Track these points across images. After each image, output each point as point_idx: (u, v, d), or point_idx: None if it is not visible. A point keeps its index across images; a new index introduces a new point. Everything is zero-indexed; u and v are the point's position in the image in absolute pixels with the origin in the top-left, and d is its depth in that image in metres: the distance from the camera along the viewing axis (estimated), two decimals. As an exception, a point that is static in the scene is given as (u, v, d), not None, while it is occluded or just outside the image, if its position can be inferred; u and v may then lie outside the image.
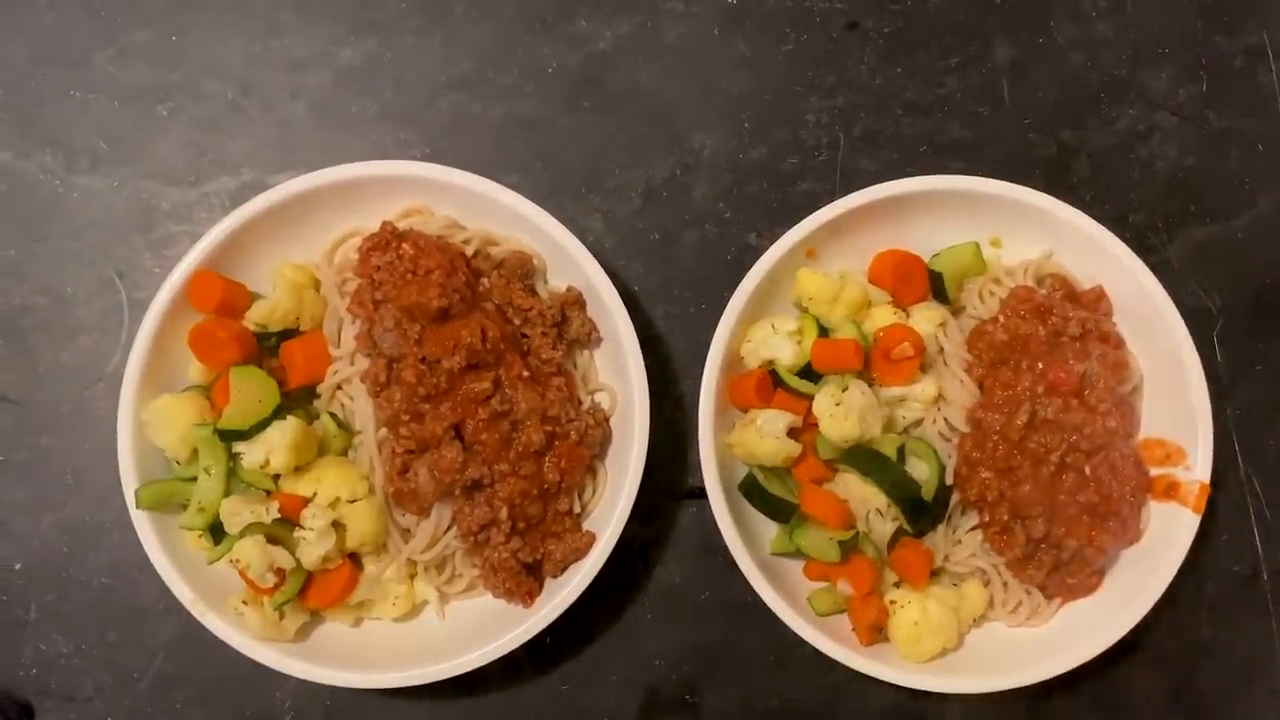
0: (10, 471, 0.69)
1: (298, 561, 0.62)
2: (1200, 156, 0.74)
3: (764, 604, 0.63)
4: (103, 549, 0.69)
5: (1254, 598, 0.70)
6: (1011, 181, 0.68)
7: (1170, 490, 0.65)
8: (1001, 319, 0.65)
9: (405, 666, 0.63)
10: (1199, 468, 0.65)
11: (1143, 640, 0.68)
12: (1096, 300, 0.67)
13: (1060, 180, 0.73)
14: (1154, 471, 0.66)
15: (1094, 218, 0.67)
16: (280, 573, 0.62)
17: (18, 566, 0.69)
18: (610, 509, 0.64)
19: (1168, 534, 0.65)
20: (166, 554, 0.62)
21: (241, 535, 0.61)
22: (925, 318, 0.66)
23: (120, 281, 0.71)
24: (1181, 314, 0.66)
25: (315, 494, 0.62)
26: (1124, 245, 0.66)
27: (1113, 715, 0.69)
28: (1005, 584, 0.65)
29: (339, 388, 0.65)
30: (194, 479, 0.62)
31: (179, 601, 0.62)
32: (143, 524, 0.62)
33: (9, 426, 0.69)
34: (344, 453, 0.65)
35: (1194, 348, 0.65)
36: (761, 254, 0.66)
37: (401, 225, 0.66)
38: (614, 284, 0.66)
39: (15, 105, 0.72)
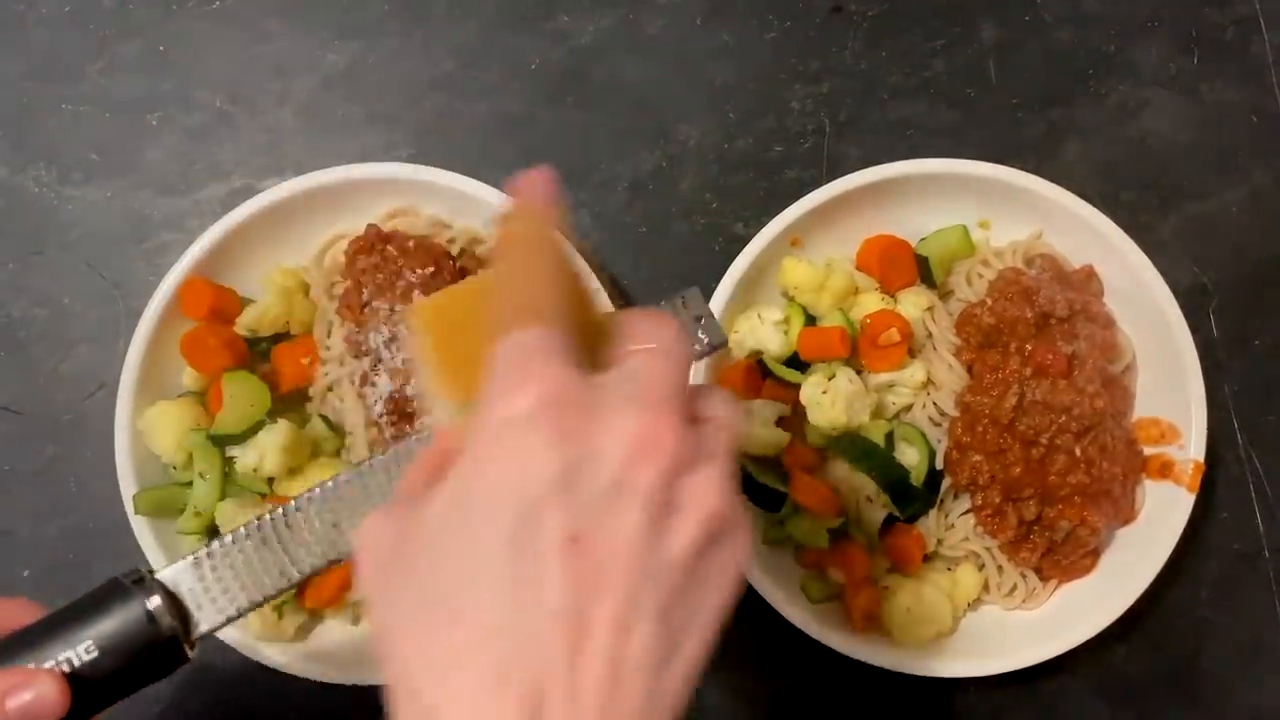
0: (15, 481, 0.71)
1: (294, 562, 0.63)
2: (1193, 131, 0.73)
3: (758, 593, 0.63)
4: (108, 555, 0.70)
5: (1256, 575, 0.70)
6: (1001, 162, 0.67)
7: (1165, 469, 0.65)
8: (989, 302, 0.65)
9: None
10: (1193, 446, 0.64)
11: (1144, 620, 0.67)
12: (1086, 280, 0.67)
13: (1050, 160, 0.73)
14: (1148, 451, 0.66)
15: (1086, 197, 0.67)
16: (277, 574, 0.63)
17: (25, 574, 0.70)
18: (602, 503, 0.64)
19: (1163, 513, 0.64)
20: (166, 558, 0.63)
21: (237, 538, 0.62)
22: (912, 303, 0.66)
23: (117, 291, 0.72)
24: (1176, 291, 0.65)
25: (309, 495, 0.63)
26: (1112, 224, 0.66)
27: (1114, 695, 0.68)
28: (1000, 567, 0.65)
29: (330, 389, 0.66)
30: (190, 484, 0.63)
31: (181, 604, 0.63)
32: (142, 529, 0.63)
33: (13, 437, 0.71)
34: (337, 454, 0.66)
35: (1185, 325, 0.64)
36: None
37: (387, 226, 0.67)
38: (602, 279, 0.66)
39: (8, 121, 0.74)
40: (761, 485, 0.65)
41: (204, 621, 0.45)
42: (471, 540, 0.31)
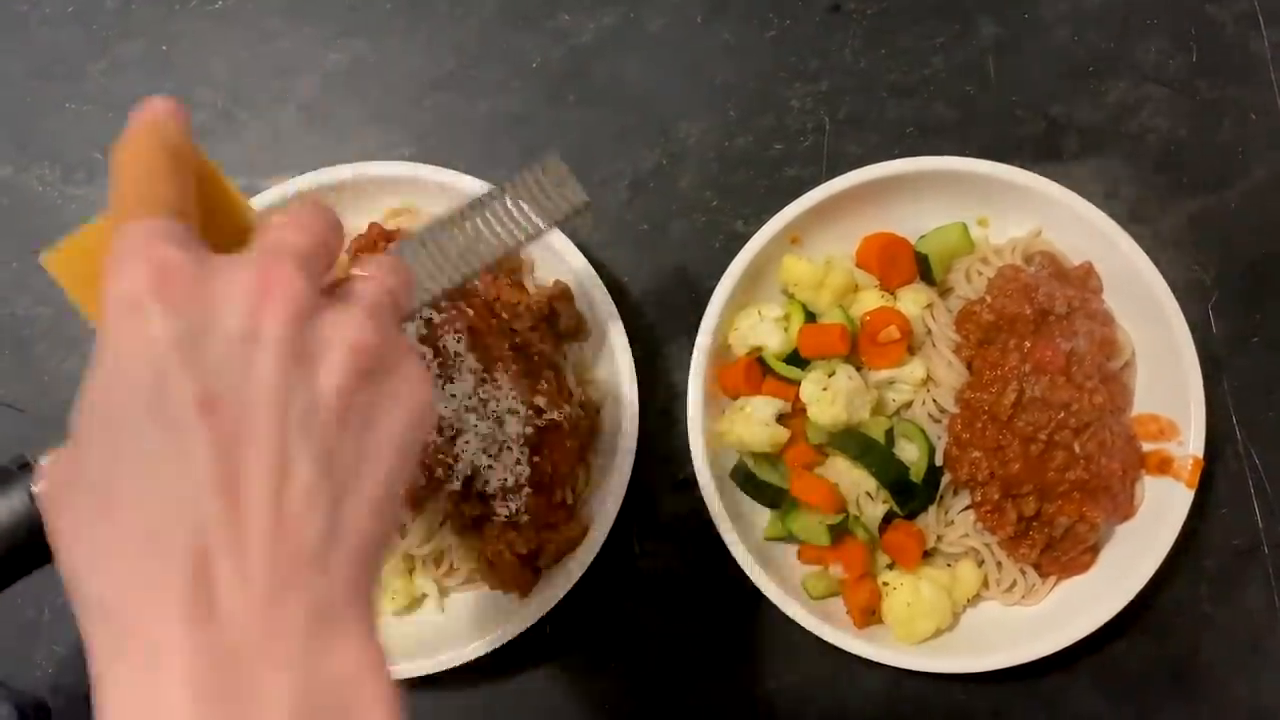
0: (19, 478, 0.71)
1: (297, 559, 0.63)
2: (1191, 128, 0.73)
3: (759, 589, 0.64)
4: (112, 551, 0.70)
5: (1255, 571, 0.70)
6: (1000, 160, 0.68)
7: (1164, 465, 0.65)
8: (988, 299, 0.65)
9: (407, 659, 0.64)
10: (1192, 442, 0.64)
11: (1143, 616, 0.68)
12: (1085, 277, 0.67)
13: (1050, 157, 0.73)
14: (1147, 447, 0.66)
15: (1085, 194, 0.67)
16: (280, 570, 0.63)
17: (29, 571, 0.70)
18: (603, 499, 0.65)
19: (1162, 509, 0.64)
20: (170, 555, 0.64)
21: (240, 535, 0.62)
22: (912, 300, 0.66)
23: (120, 289, 0.72)
24: (1175, 287, 0.65)
25: (311, 492, 0.63)
26: (1111, 221, 0.66)
27: (1113, 691, 0.69)
28: (999, 563, 0.66)
29: (332, 387, 0.66)
30: (193, 481, 0.64)
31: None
32: (145, 526, 0.64)
33: (16, 434, 0.71)
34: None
35: (1184, 322, 0.65)
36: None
37: (389, 225, 0.67)
38: (603, 276, 0.67)
39: (12, 120, 0.74)
40: (762, 482, 0.65)
41: None
42: (112, 428, 0.31)
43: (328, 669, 0.30)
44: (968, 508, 0.65)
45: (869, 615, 0.64)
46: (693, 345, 0.66)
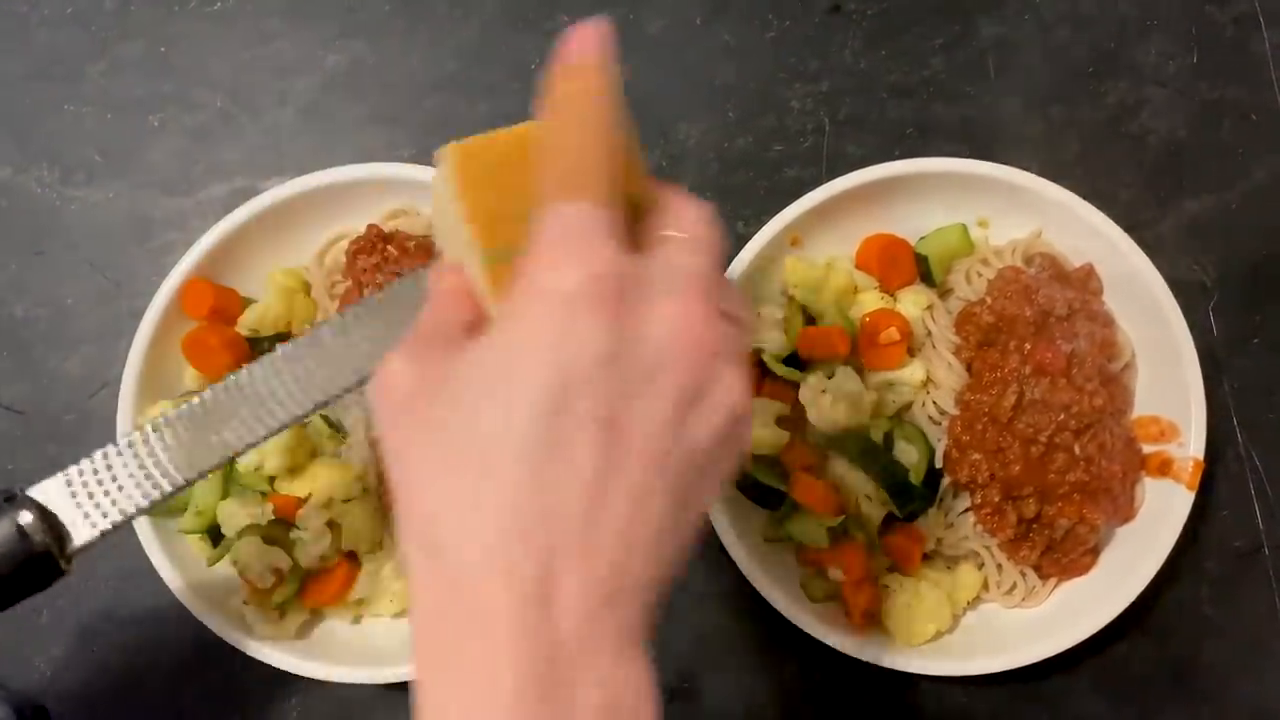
0: (18, 480, 0.69)
1: (295, 561, 0.63)
2: (1192, 129, 0.73)
3: (758, 591, 0.64)
4: (111, 554, 0.70)
5: (1256, 572, 0.69)
6: (1000, 161, 0.68)
7: (1164, 467, 0.65)
8: (989, 300, 0.65)
9: (406, 661, 0.64)
10: (1193, 443, 0.64)
11: (1144, 618, 0.67)
12: (1085, 278, 0.67)
13: (1050, 158, 0.73)
14: (1148, 448, 0.66)
15: (1084, 194, 0.67)
16: (279, 572, 0.63)
17: (29, 572, 0.70)
18: (602, 501, 0.65)
19: (1162, 511, 0.64)
20: (168, 558, 0.64)
21: (239, 537, 0.62)
22: (912, 301, 0.66)
23: (119, 291, 0.72)
24: (1176, 289, 0.65)
25: (310, 495, 0.63)
26: (1112, 223, 0.66)
27: (1114, 693, 0.68)
28: (999, 565, 0.65)
29: (331, 389, 0.66)
30: (192, 483, 0.64)
31: (183, 603, 0.64)
32: (144, 529, 0.64)
33: (16, 436, 0.71)
34: (337, 454, 0.66)
35: (1184, 323, 0.65)
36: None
37: (388, 227, 0.67)
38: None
39: (11, 121, 0.74)
40: (761, 484, 0.65)
41: (78, 537, 0.46)
42: (509, 401, 0.32)
43: (625, 688, 0.32)
44: (968, 510, 0.65)
45: (869, 618, 0.64)
46: (692, 347, 0.66)
